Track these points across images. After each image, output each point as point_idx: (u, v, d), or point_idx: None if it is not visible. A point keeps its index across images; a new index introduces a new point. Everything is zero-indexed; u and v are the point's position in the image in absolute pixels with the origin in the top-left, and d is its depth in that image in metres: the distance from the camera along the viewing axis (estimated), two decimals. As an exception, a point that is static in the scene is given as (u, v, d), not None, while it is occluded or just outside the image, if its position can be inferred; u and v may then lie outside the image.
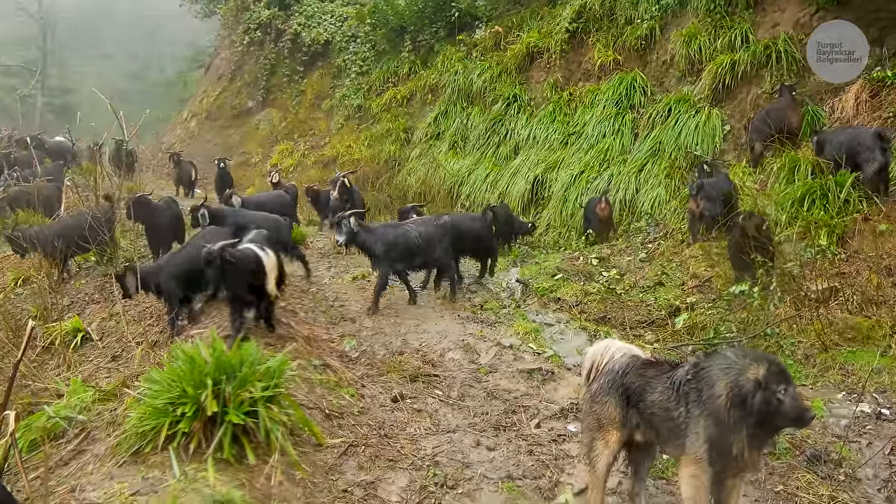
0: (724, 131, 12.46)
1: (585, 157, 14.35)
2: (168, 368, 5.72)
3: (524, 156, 15.77)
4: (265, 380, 5.61)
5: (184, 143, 25.82)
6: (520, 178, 15.35)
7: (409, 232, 9.53)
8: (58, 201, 14.07)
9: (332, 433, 6.22)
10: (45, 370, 8.27)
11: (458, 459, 5.91)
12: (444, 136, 18.35)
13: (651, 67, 14.56)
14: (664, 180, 12.53)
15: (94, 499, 4.84)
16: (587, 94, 15.34)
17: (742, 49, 12.52)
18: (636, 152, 13.56)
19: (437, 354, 8.11)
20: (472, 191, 16.24)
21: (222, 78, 27.89)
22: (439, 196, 16.71)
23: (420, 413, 6.80)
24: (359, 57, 22.32)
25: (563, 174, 14.43)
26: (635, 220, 12.55)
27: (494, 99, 17.40)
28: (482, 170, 16.42)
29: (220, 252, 6.92)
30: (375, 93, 21.54)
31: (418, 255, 9.53)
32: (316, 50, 24.04)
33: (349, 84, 22.26)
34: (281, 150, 22.78)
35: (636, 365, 4.66)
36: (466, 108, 18.13)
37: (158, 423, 5.40)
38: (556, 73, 16.32)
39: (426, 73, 20.04)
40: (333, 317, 9.19)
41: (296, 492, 5.24)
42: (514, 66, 17.30)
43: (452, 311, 9.45)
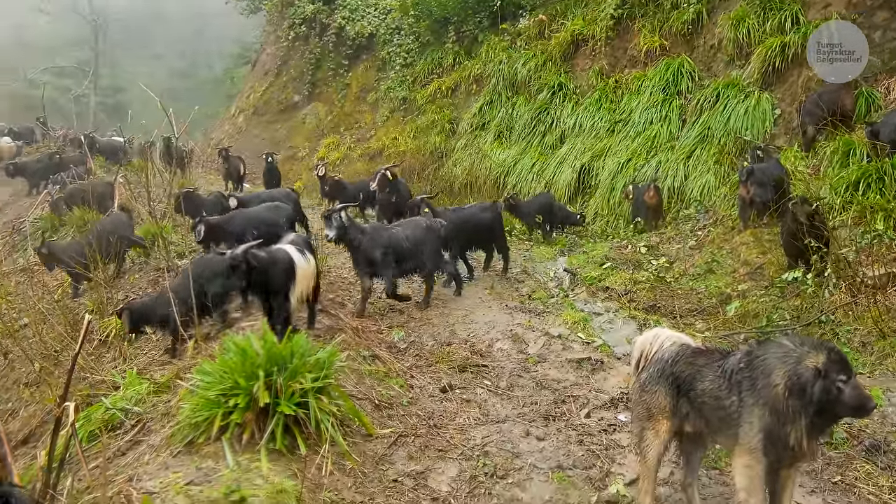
0: (775, 115, 12.22)
1: (632, 144, 14.21)
2: (220, 360, 5.79)
3: (570, 144, 15.67)
4: (315, 371, 5.66)
5: (232, 139, 26.09)
6: (566, 167, 15.26)
7: (398, 234, 9.14)
8: (111, 198, 14.35)
9: (381, 423, 6.25)
10: (102, 363, 8.43)
11: (507, 449, 5.91)
12: (489, 127, 18.29)
13: (698, 52, 14.34)
14: (713, 166, 12.34)
15: (151, 488, 4.92)
16: (633, 81, 15.18)
17: (792, 31, 12.26)
18: (684, 139, 13.39)
19: (485, 345, 8.11)
20: (519, 180, 16.18)
21: (269, 73, 28.13)
22: (485, 186, 16.69)
23: (469, 403, 6.81)
24: (403, 49, 22.32)
25: (610, 162, 14.31)
26: (684, 207, 12.38)
27: (539, 88, 17.29)
28: (528, 159, 16.36)
29: (244, 255, 6.63)
30: (420, 84, 21.53)
31: (408, 259, 9.10)
32: (360, 43, 24.11)
33: (394, 76, 22.28)
34: (327, 144, 22.91)
35: (686, 353, 4.60)
36: (511, 98, 18.05)
37: (211, 414, 5.48)
38: (602, 60, 16.16)
39: (470, 63, 19.97)
40: (381, 308, 9.23)
41: (346, 482, 5.28)
42: (558, 55, 17.17)
43: (500, 301, 9.43)
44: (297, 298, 7.19)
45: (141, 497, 4.70)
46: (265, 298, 7.02)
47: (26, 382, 9.07)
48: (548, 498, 5.27)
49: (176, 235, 11.96)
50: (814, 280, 7.77)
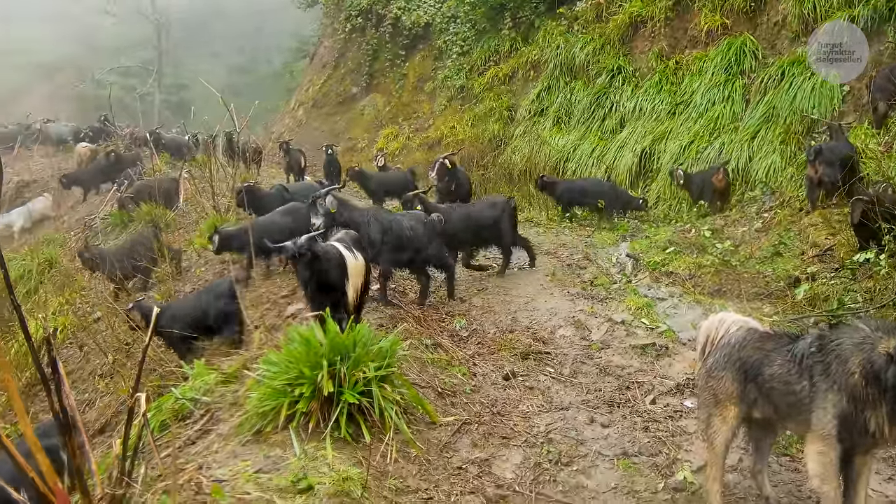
0: (843, 92, 11.87)
1: (694, 126, 13.97)
2: (285, 350, 5.87)
3: (630, 128, 15.47)
4: (378, 360, 5.70)
5: (292, 132, 26.38)
6: (626, 151, 15.07)
7: (401, 222, 8.75)
8: (176, 193, 14.66)
9: (445, 411, 6.28)
10: (172, 354, 8.63)
11: (571, 436, 5.88)
12: (547, 113, 18.14)
13: (761, 30, 14.00)
14: (779, 147, 12.05)
15: (220, 476, 5.02)
16: (694, 62, 14.90)
17: (861, 4, 11.87)
18: (748, 119, 13.09)
19: (547, 332, 8.08)
20: (579, 166, 16.04)
21: (326, 66, 28.33)
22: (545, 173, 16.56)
23: (532, 390, 6.79)
24: (459, 37, 22.25)
25: (672, 145, 14.09)
26: (749, 189, 12.12)
27: (598, 72, 17.08)
28: (587, 144, 16.20)
29: (310, 243, 6.45)
30: (477, 72, 21.43)
31: (408, 250, 8.66)
32: (416, 33, 24.12)
33: (451, 65, 22.23)
34: (386, 134, 23.00)
35: (754, 338, 4.51)
36: (569, 83, 17.86)
37: (278, 404, 5.56)
38: (661, 41, 15.90)
39: (527, 49, 19.82)
40: (443, 297, 9.25)
41: (411, 469, 5.31)
42: (617, 38, 16.93)
43: (562, 287, 9.37)
44: (353, 292, 6.96)
45: (211, 485, 4.79)
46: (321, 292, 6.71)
47: (101, 374, 9.34)
48: (613, 485, 5.23)
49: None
50: (887, 261, 7.54)
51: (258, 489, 4.68)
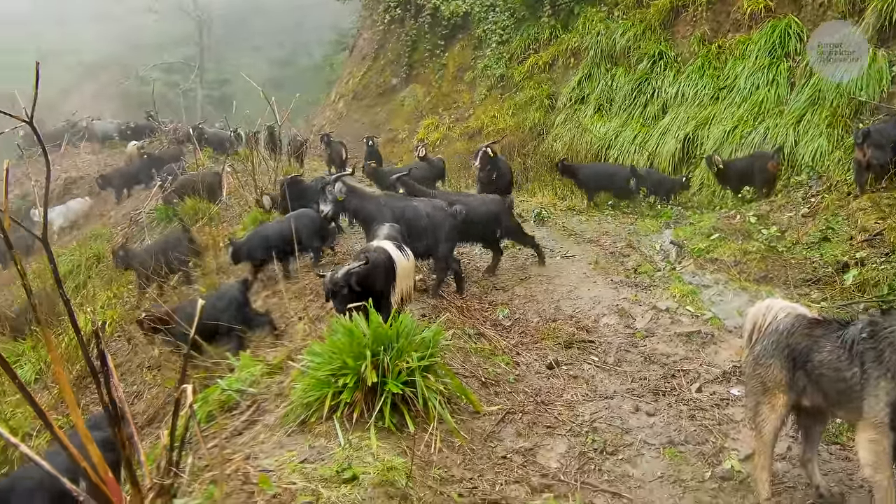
0: (893, 73, 11.57)
1: (738, 111, 13.74)
2: (329, 341, 5.90)
3: (673, 114, 15.28)
4: (421, 350, 5.71)
5: (333, 124, 26.51)
6: (669, 137, 14.90)
7: (417, 209, 8.46)
8: (219, 187, 14.81)
9: (488, 401, 6.27)
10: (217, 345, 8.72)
11: (616, 425, 5.84)
12: (588, 100, 17.99)
13: (806, 11, 13.69)
14: (826, 130, 11.80)
15: (267, 466, 5.06)
16: (737, 46, 14.64)
17: (909, -17, 11.57)
18: (793, 103, 12.84)
19: (591, 320, 8.03)
20: (621, 153, 15.90)
21: (366, 58, 28.39)
22: (586, 161, 16.43)
23: (576, 379, 6.76)
24: (498, 26, 22.13)
25: (716, 130, 13.88)
26: (795, 173, 11.90)
27: (639, 58, 16.89)
28: (629, 131, 16.04)
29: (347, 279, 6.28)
30: (517, 61, 21.32)
31: (422, 239, 8.32)
32: (455, 22, 24.05)
33: (490, 54, 22.13)
34: (426, 125, 23.00)
35: (802, 324, 4.43)
36: (610, 70, 17.69)
37: (322, 394, 5.60)
38: (703, 25, 15.65)
39: (567, 36, 19.67)
40: (485, 286, 9.24)
41: (455, 459, 5.31)
42: (657, 23, 16.71)
43: (605, 275, 9.30)
44: (400, 295, 6.84)
45: (258, 475, 4.84)
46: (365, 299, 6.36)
47: (149, 366, 9.48)
48: (659, 474, 5.19)
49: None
50: (940, 244, 7.38)
51: (303, 479, 4.71)
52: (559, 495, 4.90)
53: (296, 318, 8.70)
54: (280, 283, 9.15)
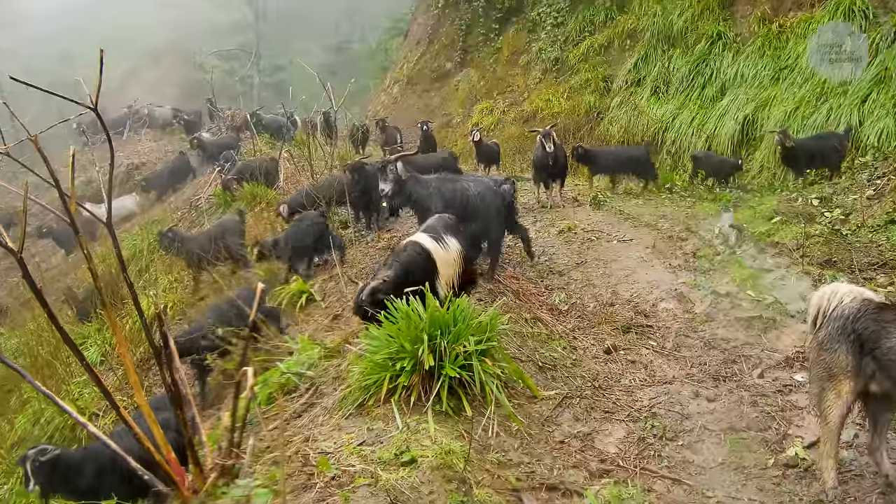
0: (963, 49, 11.20)
1: (800, 91, 13.42)
2: (386, 325, 5.93)
3: (732, 96, 14.99)
4: (478, 334, 5.71)
5: (387, 109, 26.57)
6: (728, 119, 14.62)
7: (467, 190, 8.28)
8: (276, 172, 14.96)
9: (545, 385, 6.26)
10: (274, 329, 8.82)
11: (676, 411, 5.79)
12: (644, 82, 17.76)
13: (872, -12, 13.32)
14: (892, 110, 11.46)
15: (326, 448, 5.12)
16: (799, 25, 14.28)
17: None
18: (858, 82, 12.49)
19: (649, 305, 7.95)
20: (678, 136, 15.68)
21: (420, 43, 28.36)
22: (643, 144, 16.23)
23: (634, 364, 6.71)
24: (553, 9, 21.91)
25: (776, 112, 13.58)
26: (859, 155, 11.59)
27: (697, 39, 16.59)
28: (687, 114, 15.79)
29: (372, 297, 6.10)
30: (572, 44, 21.10)
31: (473, 221, 8.12)
32: (510, 6, 23.86)
33: (545, 37, 21.95)
34: (481, 109, 22.89)
35: (869, 309, 4.33)
36: (667, 51, 17.43)
37: (380, 378, 5.63)
38: (764, 4, 15.29)
39: (623, 18, 19.42)
40: (541, 271, 9.19)
41: (513, 443, 5.31)
42: (716, 2, 16.39)
43: (663, 259, 9.19)
44: (446, 286, 6.65)
45: (317, 457, 4.89)
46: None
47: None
48: (721, 461, 5.13)
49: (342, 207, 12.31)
50: None
51: (362, 462, 4.75)
52: (618, 481, 4.87)
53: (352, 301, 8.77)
54: (337, 268, 9.21)
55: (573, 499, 4.71)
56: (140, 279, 13.43)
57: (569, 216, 10.95)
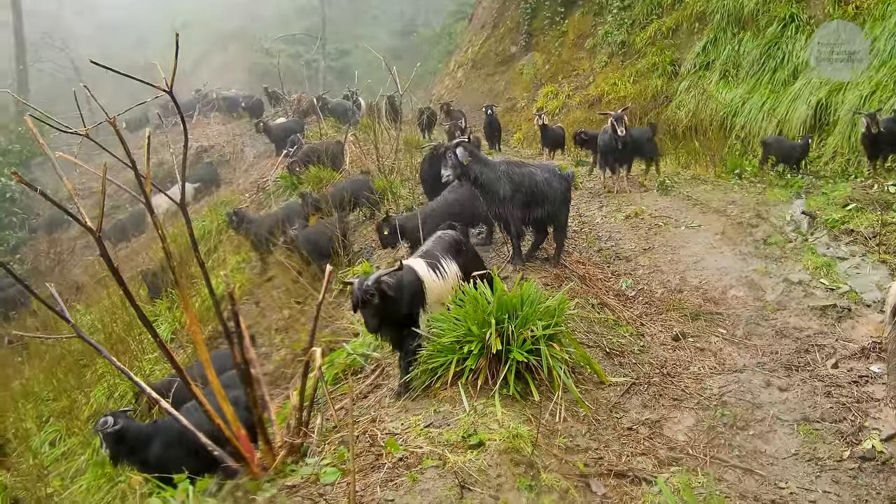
0: None
1: (876, 75, 13.01)
2: (453, 309, 5.95)
3: (804, 79, 14.61)
4: (545, 318, 5.69)
5: (452, 93, 26.55)
6: (800, 103, 14.26)
7: (533, 174, 8.11)
8: (342, 155, 15.09)
9: (613, 371, 6.21)
10: (342, 311, 8.92)
11: (747, 400, 5.69)
12: (713, 66, 17.41)
13: (957, -34, 12.83)
14: (974, 95, 11.07)
15: (393, 429, 5.17)
16: (877, 6, 13.83)
17: None
18: (939, 65, 12.07)
19: (718, 292, 7.83)
20: (748, 121, 15.35)
21: (485, 26, 28.25)
22: (711, 129, 15.93)
23: (703, 352, 6.62)
24: (620, -9, 21.65)
25: (851, 96, 13.20)
26: (941, 140, 11.19)
27: (769, 21, 16.19)
28: (757, 98, 15.44)
29: (378, 286, 5.37)
30: (639, 27, 20.79)
31: (539, 206, 8.04)
32: (576, -12, 23.65)
33: (611, 20, 21.66)
34: (545, 93, 22.74)
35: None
36: (737, 34, 17.04)
37: (446, 360, 5.65)
38: (840, -16, 14.86)
39: (692, 0, 19.04)
40: (608, 256, 9.12)
41: (580, 428, 5.29)
42: (790, -17, 15.98)
43: (732, 246, 9.02)
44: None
45: (385, 437, 4.94)
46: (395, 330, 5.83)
47: (276, 328, 9.78)
48: (793, 451, 5.03)
49: (404, 189, 12.36)
50: None
51: (429, 443, 4.78)
52: (688, 469, 4.82)
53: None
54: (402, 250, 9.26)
55: (642, 486, 4.67)
56: (209, 259, 13.69)
57: (636, 201, 10.81)
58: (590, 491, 4.59)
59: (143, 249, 18.23)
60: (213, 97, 27.70)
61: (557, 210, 8.19)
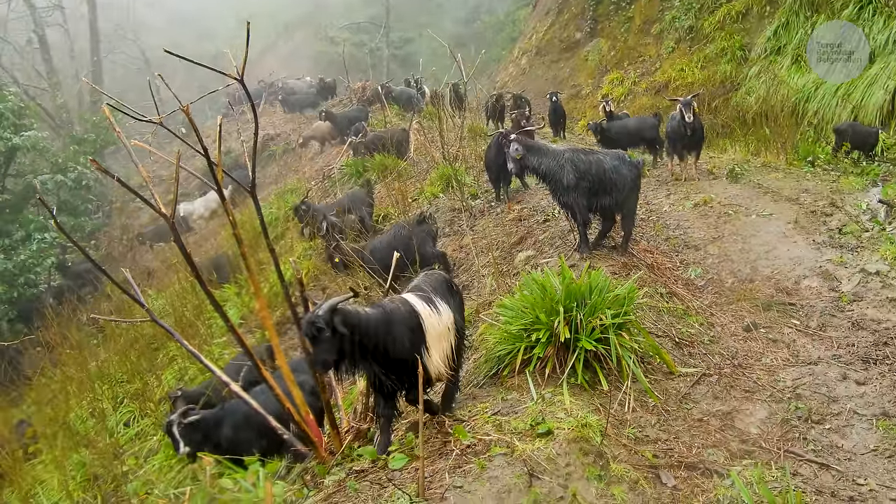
0: None
1: (959, 58, 12.56)
2: (520, 296, 5.94)
3: (882, 63, 14.14)
4: (614, 307, 5.64)
5: (515, 81, 26.43)
6: (877, 88, 13.81)
7: (601, 162, 7.97)
8: (406, 143, 15.14)
9: (682, 361, 6.13)
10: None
11: (822, 393, 5.55)
12: (785, 50, 16.96)
13: None
14: None
15: (461, 416, 5.17)
16: (961, -14, 13.35)
17: None
18: None
19: (791, 282, 7.64)
20: (821, 107, 14.92)
21: (550, 12, 28.03)
22: (782, 115, 15.54)
23: (776, 343, 6.48)
24: (689, -25, 21.24)
25: (932, 80, 12.76)
26: None
27: (844, 3, 15.69)
28: (831, 83, 15.00)
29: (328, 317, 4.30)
30: (707, 11, 20.38)
31: (607, 194, 7.94)
32: (643, -27, 23.28)
33: (679, 5, 21.28)
34: (611, 80, 22.46)
35: None
36: (811, 17, 16.57)
37: (514, 348, 5.65)
38: (922, -36, 14.35)
39: (763, -17, 18.62)
40: (676, 244, 8.97)
41: (650, 419, 5.23)
42: (867, -36, 15.48)
43: (806, 235, 8.78)
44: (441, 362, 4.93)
45: (453, 425, 4.95)
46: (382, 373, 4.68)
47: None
48: (872, 447, 4.89)
49: (468, 177, 12.35)
50: None
51: (497, 431, 4.77)
52: (761, 462, 4.72)
53: (481, 273, 8.81)
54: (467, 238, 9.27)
55: (713, 478, 4.60)
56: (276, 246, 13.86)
57: (704, 189, 10.61)
58: (660, 482, 4.53)
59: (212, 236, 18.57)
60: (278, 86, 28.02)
61: (626, 198, 8.09)
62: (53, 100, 31.39)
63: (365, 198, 12.15)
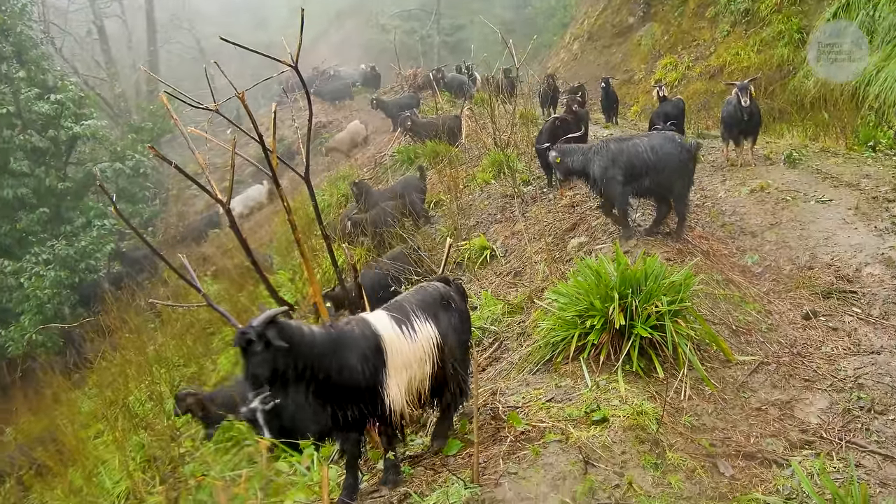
0: None
1: None
2: (574, 282, 5.90)
3: (948, 45, 13.74)
4: (670, 294, 5.58)
5: (567, 66, 26.24)
6: (942, 71, 13.42)
7: (634, 146, 7.89)
8: (458, 130, 15.13)
9: (739, 349, 6.04)
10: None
11: (885, 383, 5.42)
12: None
13: None
14: None
15: (514, 403, 5.18)
16: None
17: None
18: None
19: (851, 269, 7.46)
20: (882, 90, 14.50)
21: (602, -3, 27.77)
22: (841, 99, 15.18)
23: (836, 332, 6.35)
24: (745, -43, 20.80)
25: None
26: None
27: (908, -17, 15.27)
28: (894, 66, 14.59)
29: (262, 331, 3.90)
30: (765, -7, 19.99)
31: (648, 176, 7.84)
32: (698, -45, 22.87)
33: (735, -13, 20.89)
34: (664, 65, 22.13)
35: None
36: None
37: (568, 335, 5.63)
38: None
39: (823, -36, 18.16)
40: (732, 231, 8.83)
41: (706, 407, 5.18)
42: (934, -59, 15.00)
43: (867, 222, 8.56)
44: (402, 397, 4.31)
45: (507, 411, 4.95)
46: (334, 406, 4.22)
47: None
48: (940, 439, 4.77)
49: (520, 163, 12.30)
50: None
51: (551, 418, 4.77)
52: (822, 453, 4.64)
53: (534, 259, 8.78)
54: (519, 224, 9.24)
55: (772, 468, 4.53)
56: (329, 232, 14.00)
57: (761, 175, 10.40)
58: (717, 472, 4.48)
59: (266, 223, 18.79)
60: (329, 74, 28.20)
61: (672, 178, 7.95)
62: (112, 89, 32.04)
63: (418, 183, 12.17)
